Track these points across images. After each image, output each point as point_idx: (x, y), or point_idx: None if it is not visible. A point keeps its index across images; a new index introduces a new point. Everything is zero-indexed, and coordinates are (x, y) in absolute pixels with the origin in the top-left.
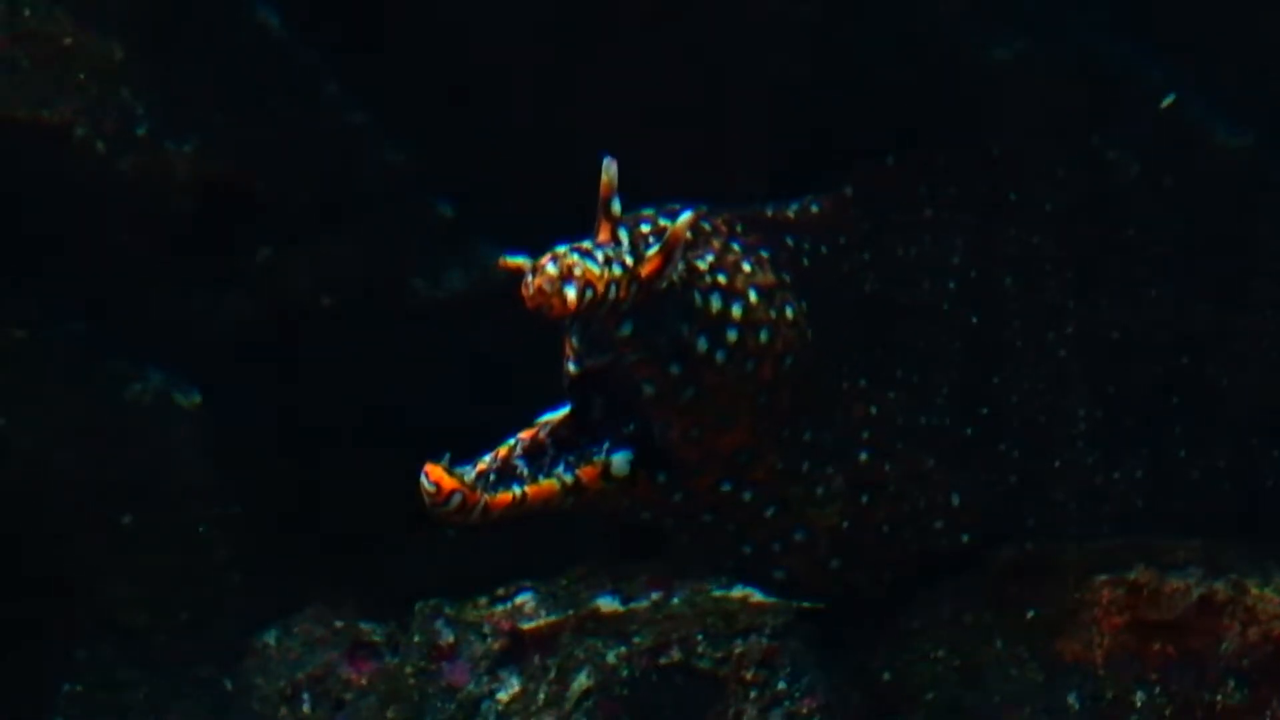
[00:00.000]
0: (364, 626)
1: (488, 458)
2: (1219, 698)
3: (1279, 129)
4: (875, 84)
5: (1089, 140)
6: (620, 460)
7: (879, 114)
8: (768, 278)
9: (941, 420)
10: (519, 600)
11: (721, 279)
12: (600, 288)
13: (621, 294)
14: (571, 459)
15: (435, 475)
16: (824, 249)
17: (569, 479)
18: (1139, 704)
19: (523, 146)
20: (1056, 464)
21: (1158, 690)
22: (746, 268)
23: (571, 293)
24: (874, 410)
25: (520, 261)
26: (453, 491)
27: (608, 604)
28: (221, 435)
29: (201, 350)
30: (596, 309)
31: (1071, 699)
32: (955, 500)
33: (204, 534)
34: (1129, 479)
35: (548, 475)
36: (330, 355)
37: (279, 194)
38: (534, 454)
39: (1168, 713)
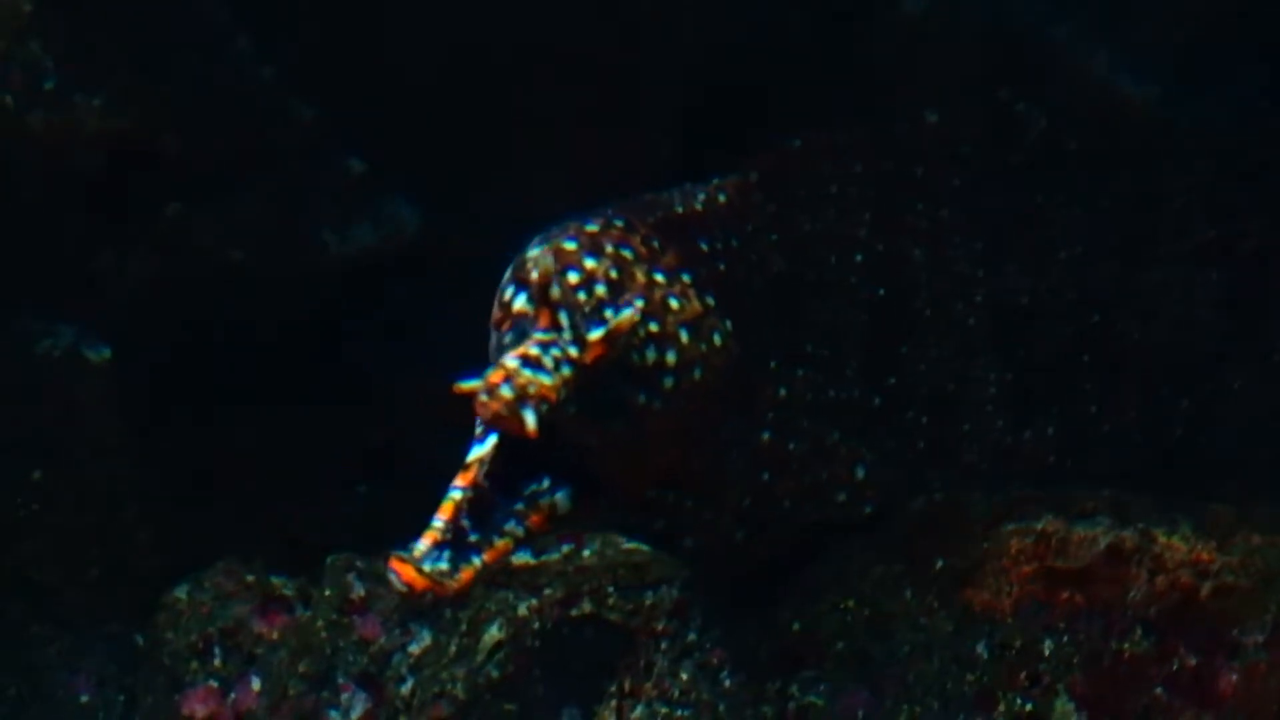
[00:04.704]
0: (275, 580)
1: (439, 525)
2: (1126, 646)
3: (1186, 81)
4: (788, 38)
5: (996, 94)
6: (563, 499)
7: (792, 71)
8: (694, 307)
9: (850, 392)
10: None
11: (654, 327)
12: (554, 398)
13: (572, 389)
14: (519, 508)
15: (407, 576)
16: (735, 242)
17: (520, 532)
18: (1047, 652)
19: (435, 100)
20: (966, 427)
21: (1065, 639)
22: (674, 304)
23: (531, 418)
24: (783, 391)
25: (474, 385)
26: (425, 590)
27: (519, 556)
28: (132, 391)
29: (112, 306)
30: (554, 414)
31: (980, 648)
32: (860, 473)
33: (115, 490)
34: (1040, 437)
35: (500, 535)
36: (240, 311)
37: (188, 148)
38: (479, 506)
39: (1075, 661)
